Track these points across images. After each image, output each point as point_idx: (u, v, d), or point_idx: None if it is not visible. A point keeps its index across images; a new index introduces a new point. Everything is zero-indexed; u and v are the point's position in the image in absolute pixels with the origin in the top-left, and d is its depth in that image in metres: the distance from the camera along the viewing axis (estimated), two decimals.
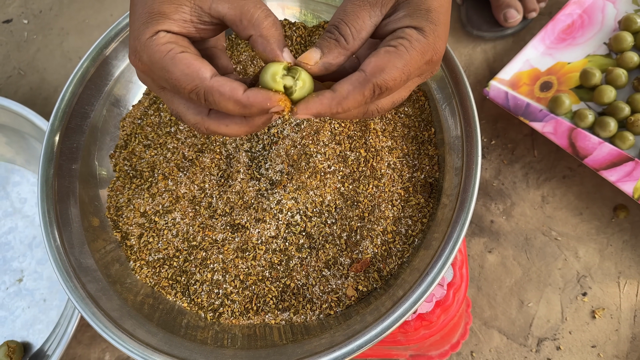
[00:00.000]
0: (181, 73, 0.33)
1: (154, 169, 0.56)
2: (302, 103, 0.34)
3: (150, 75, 0.36)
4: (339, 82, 0.34)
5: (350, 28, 0.36)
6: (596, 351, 0.69)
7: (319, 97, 0.34)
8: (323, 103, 0.34)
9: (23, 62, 0.94)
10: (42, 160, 0.52)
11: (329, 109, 0.34)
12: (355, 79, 0.34)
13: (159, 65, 0.34)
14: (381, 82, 0.34)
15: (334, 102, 0.34)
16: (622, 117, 0.71)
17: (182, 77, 0.33)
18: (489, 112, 0.81)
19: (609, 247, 0.72)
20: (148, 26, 0.34)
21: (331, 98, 0.34)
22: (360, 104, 0.35)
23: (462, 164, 0.47)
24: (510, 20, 0.81)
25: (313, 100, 0.34)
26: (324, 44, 0.36)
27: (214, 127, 0.36)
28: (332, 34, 0.36)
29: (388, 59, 0.34)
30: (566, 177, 0.76)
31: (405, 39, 0.35)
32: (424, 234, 0.49)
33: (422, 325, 0.51)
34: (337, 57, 0.36)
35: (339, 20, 0.36)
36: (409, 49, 0.34)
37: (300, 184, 0.52)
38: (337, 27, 0.36)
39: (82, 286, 0.48)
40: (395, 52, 0.34)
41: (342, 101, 0.34)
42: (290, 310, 0.50)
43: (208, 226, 0.53)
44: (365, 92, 0.34)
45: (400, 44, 0.34)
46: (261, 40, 0.35)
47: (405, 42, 0.34)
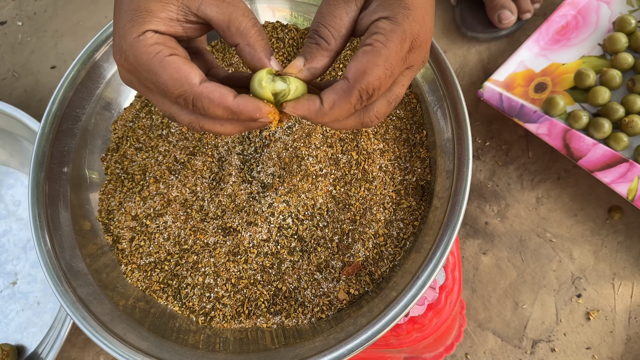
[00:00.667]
0: (169, 77, 0.32)
1: (145, 172, 0.55)
2: (292, 102, 0.34)
3: (136, 76, 0.35)
4: (325, 91, 0.34)
5: (329, 29, 0.36)
6: (591, 353, 0.69)
7: (308, 101, 0.34)
8: (310, 109, 0.34)
9: (17, 65, 0.94)
10: (33, 164, 0.52)
11: (315, 116, 0.34)
12: (339, 88, 0.34)
13: (146, 67, 0.33)
14: (365, 85, 0.33)
15: (320, 112, 0.34)
16: (616, 118, 0.70)
17: (171, 82, 0.33)
18: (483, 114, 0.80)
19: (603, 249, 0.72)
20: (134, 24, 0.33)
21: (318, 108, 0.34)
22: (348, 112, 0.34)
23: (453, 166, 0.47)
24: (504, 21, 0.80)
25: (302, 102, 0.34)
26: (306, 50, 0.36)
27: (209, 126, 0.35)
28: (312, 39, 0.36)
29: (367, 60, 0.33)
30: (561, 178, 0.76)
31: (379, 33, 0.34)
32: (415, 236, 0.49)
33: (414, 329, 0.51)
34: (320, 60, 0.36)
35: (317, 23, 0.36)
36: (385, 42, 0.33)
37: (292, 187, 0.51)
38: (317, 31, 0.36)
39: (72, 290, 0.48)
40: (372, 51, 0.33)
41: (328, 111, 0.34)
42: (282, 314, 0.49)
43: (199, 229, 0.53)
44: (352, 99, 0.33)
45: (375, 40, 0.34)
46: (248, 49, 0.35)
47: (380, 37, 0.34)
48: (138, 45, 0.33)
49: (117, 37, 0.34)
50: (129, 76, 0.36)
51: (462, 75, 0.83)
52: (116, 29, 0.35)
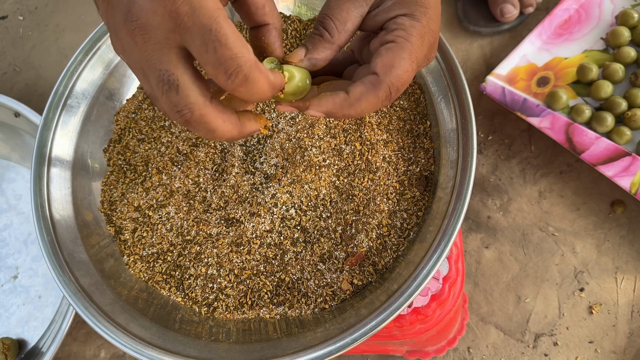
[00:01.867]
0: (228, 35, 0.28)
1: (148, 163, 0.55)
2: (315, 100, 0.35)
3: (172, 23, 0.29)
4: (353, 84, 0.34)
5: (334, 21, 0.36)
6: (593, 347, 0.68)
7: (332, 96, 0.34)
8: (335, 102, 0.34)
9: (18, 59, 0.94)
10: (35, 155, 0.52)
11: (340, 109, 0.34)
12: (368, 81, 0.34)
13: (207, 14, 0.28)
14: (394, 79, 0.34)
15: (346, 103, 0.34)
16: (619, 112, 0.70)
17: (227, 38, 0.28)
18: (485, 108, 0.80)
19: (606, 243, 0.72)
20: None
21: (344, 99, 0.34)
22: (375, 106, 0.35)
23: (457, 156, 0.47)
24: (506, 15, 0.80)
25: (326, 99, 0.34)
26: (309, 40, 0.36)
27: (211, 116, 0.31)
28: (317, 30, 0.36)
29: (393, 55, 0.34)
30: (563, 172, 0.76)
31: (399, 29, 0.35)
32: (419, 227, 0.49)
33: (417, 320, 0.51)
34: (322, 52, 0.36)
35: (323, 15, 0.36)
36: (408, 37, 0.34)
37: (295, 178, 0.51)
38: (322, 22, 0.36)
39: (75, 280, 0.48)
40: (397, 46, 0.34)
41: (354, 103, 0.34)
42: (285, 305, 0.49)
43: (202, 220, 0.52)
44: (380, 93, 0.34)
45: (398, 36, 0.34)
46: (275, 33, 0.36)
47: (402, 32, 0.34)
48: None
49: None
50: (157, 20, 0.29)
51: (464, 69, 0.83)
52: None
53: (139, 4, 0.29)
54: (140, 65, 0.31)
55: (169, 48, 0.29)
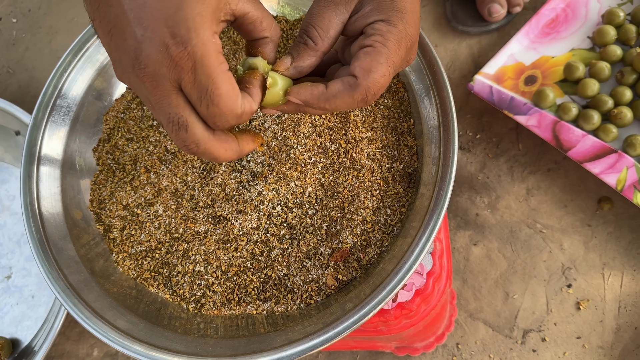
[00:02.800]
0: (225, 91, 0.32)
1: (136, 162, 0.56)
2: (295, 87, 0.37)
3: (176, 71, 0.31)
4: (332, 80, 0.37)
5: (317, 29, 0.38)
6: (581, 342, 0.69)
7: (311, 87, 0.36)
8: (313, 94, 0.36)
9: (12, 61, 0.95)
10: (25, 154, 0.53)
11: (317, 101, 0.36)
12: (347, 81, 0.36)
13: (208, 73, 0.31)
14: (371, 82, 0.35)
15: (323, 97, 0.36)
16: (605, 109, 0.71)
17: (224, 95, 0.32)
18: (474, 107, 0.81)
19: (593, 239, 0.73)
20: (207, 19, 0.31)
21: (322, 92, 0.36)
22: (350, 106, 0.37)
23: (439, 153, 0.47)
24: (494, 15, 0.81)
25: (305, 88, 0.36)
26: (294, 48, 0.38)
27: (215, 148, 0.36)
28: (301, 38, 0.38)
29: (370, 59, 0.36)
30: (551, 170, 0.76)
31: (376, 34, 0.36)
32: (402, 223, 0.50)
33: (402, 314, 0.51)
34: (307, 59, 0.38)
35: (307, 24, 0.38)
36: (385, 42, 0.36)
37: (281, 175, 0.52)
38: (306, 31, 0.38)
39: (64, 277, 0.48)
40: (374, 50, 0.36)
41: (330, 98, 0.36)
42: (272, 301, 0.50)
43: (190, 218, 0.53)
44: (356, 95, 0.36)
45: (375, 41, 0.36)
46: (272, 45, 0.38)
47: (379, 38, 0.36)
48: (210, 45, 0.31)
49: (182, 20, 0.30)
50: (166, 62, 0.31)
51: (452, 69, 0.84)
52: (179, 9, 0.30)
53: (146, 53, 0.31)
54: (150, 103, 0.34)
55: (176, 94, 0.32)
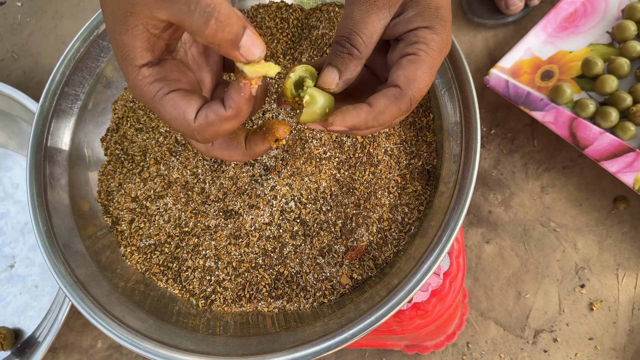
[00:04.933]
0: (170, 116, 0.32)
1: (145, 153, 0.54)
2: (339, 115, 0.34)
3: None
4: (373, 96, 0.35)
5: (362, 36, 0.35)
6: (593, 343, 0.68)
7: (356, 110, 0.34)
8: (360, 116, 0.34)
9: (16, 46, 0.93)
10: (31, 143, 0.51)
11: (365, 122, 0.34)
12: (391, 94, 0.34)
13: (151, 106, 0.33)
14: (416, 92, 0.34)
15: (371, 116, 0.34)
16: (623, 107, 0.70)
17: (172, 121, 0.32)
18: (488, 101, 0.79)
19: (608, 239, 0.71)
20: (128, 63, 0.32)
21: (368, 112, 0.34)
22: (397, 117, 0.35)
23: (460, 150, 0.46)
24: (511, 7, 0.79)
25: (350, 113, 0.34)
26: (338, 60, 0.36)
27: (218, 154, 0.37)
28: (343, 47, 0.36)
29: (415, 68, 0.34)
30: (566, 167, 0.75)
31: (421, 42, 0.35)
32: (420, 222, 0.48)
33: (417, 315, 0.50)
34: (354, 70, 0.36)
35: (349, 30, 0.35)
36: (429, 51, 0.35)
37: (295, 170, 0.50)
38: (348, 39, 0.35)
39: (70, 271, 0.47)
40: (418, 59, 0.34)
41: (378, 115, 0.34)
42: (284, 298, 0.49)
43: (200, 212, 0.52)
44: (403, 105, 0.34)
45: (419, 49, 0.35)
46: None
47: (423, 46, 0.35)
48: (139, 85, 0.32)
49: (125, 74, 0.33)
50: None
51: (468, 62, 0.82)
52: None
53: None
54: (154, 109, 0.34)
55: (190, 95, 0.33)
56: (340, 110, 0.34)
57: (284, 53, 0.56)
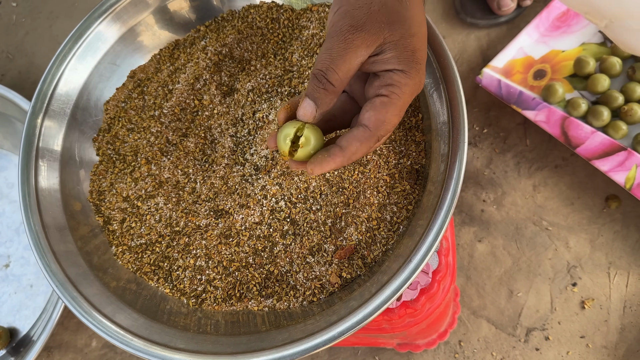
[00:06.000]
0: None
1: (137, 153, 0.55)
2: (316, 164, 0.37)
3: None
4: (344, 137, 0.38)
5: (339, 72, 0.37)
6: (585, 341, 0.68)
7: (330, 156, 0.37)
8: (336, 162, 0.37)
9: (11, 46, 0.93)
10: (23, 143, 0.52)
11: (340, 165, 0.38)
12: (361, 136, 0.37)
13: None
14: (384, 132, 0.38)
15: (344, 159, 0.38)
16: (615, 106, 0.70)
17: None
18: (481, 101, 0.80)
19: (600, 238, 0.72)
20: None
21: (342, 156, 0.37)
22: (366, 154, 0.40)
23: (448, 150, 0.46)
24: (504, 8, 0.79)
25: (326, 160, 0.37)
26: (314, 94, 0.38)
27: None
28: (320, 83, 0.37)
29: (386, 111, 0.37)
30: (558, 166, 0.75)
31: (395, 85, 0.37)
32: (409, 221, 0.48)
33: (406, 313, 0.51)
34: (329, 103, 0.38)
35: (327, 67, 0.37)
36: (401, 94, 0.37)
37: (285, 170, 0.51)
38: (325, 74, 0.37)
39: (62, 271, 0.47)
40: (390, 102, 0.37)
41: (351, 156, 0.38)
42: (274, 297, 0.49)
43: (191, 212, 0.52)
44: (371, 144, 0.38)
45: (392, 92, 0.37)
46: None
47: (397, 90, 0.37)
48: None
49: None
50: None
51: (460, 62, 0.82)
52: None
53: None
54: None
55: None
56: (316, 159, 0.38)
57: (274, 53, 0.56)
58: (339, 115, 0.44)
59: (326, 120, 0.43)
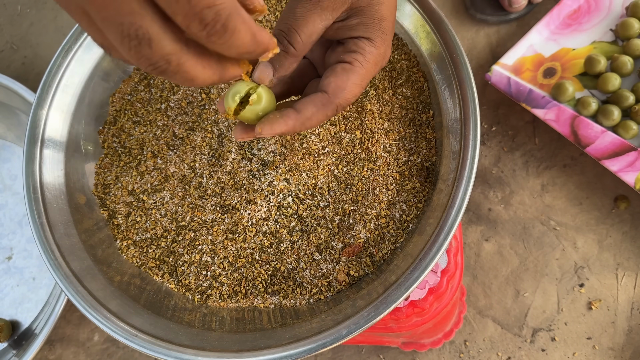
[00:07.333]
0: None
1: (143, 146, 0.54)
2: (267, 124, 0.34)
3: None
4: (301, 101, 0.35)
5: (301, 35, 0.35)
6: (591, 343, 0.68)
7: (283, 118, 0.34)
8: (288, 124, 0.35)
9: (16, 37, 0.92)
10: (28, 135, 0.51)
11: (292, 129, 0.35)
12: (319, 101, 0.35)
13: None
14: (343, 101, 0.36)
15: (298, 123, 0.35)
16: (626, 105, 0.69)
17: None
18: (490, 98, 0.79)
19: (608, 238, 0.71)
20: None
21: (295, 119, 0.35)
22: (322, 122, 0.36)
23: (460, 147, 0.45)
24: (515, 5, 0.78)
25: (278, 121, 0.34)
26: (274, 57, 0.35)
27: (190, 64, 0.27)
28: (281, 44, 0.35)
29: (347, 78, 0.35)
30: (567, 166, 0.74)
31: (359, 52, 0.36)
32: (418, 219, 0.48)
33: (414, 313, 0.50)
34: (289, 67, 0.36)
35: (289, 27, 0.35)
36: (364, 62, 0.36)
37: (293, 165, 0.50)
38: (287, 35, 0.35)
39: (66, 265, 0.47)
40: (352, 69, 0.36)
41: (305, 121, 0.35)
42: (280, 294, 0.48)
43: (197, 206, 0.51)
44: (328, 112, 0.36)
45: (355, 60, 0.36)
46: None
47: (360, 57, 0.36)
48: None
49: None
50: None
51: (469, 59, 0.81)
52: None
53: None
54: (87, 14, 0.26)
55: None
56: (268, 119, 0.34)
57: None
58: (296, 80, 0.41)
59: (282, 83, 0.40)
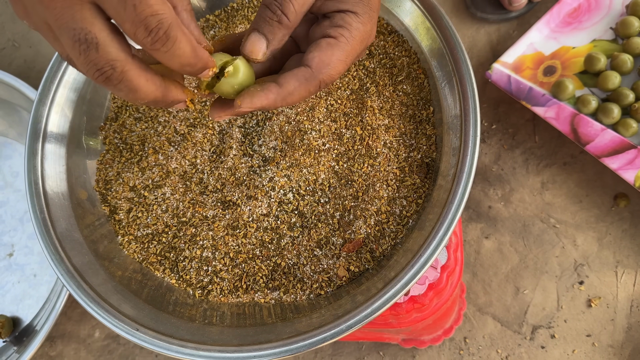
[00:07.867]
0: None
1: (144, 142, 0.54)
2: (246, 97, 0.33)
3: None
4: (283, 75, 0.34)
5: (294, 4, 0.33)
6: (591, 340, 0.68)
7: (264, 91, 0.33)
8: (269, 98, 0.33)
9: (17, 34, 0.93)
10: (30, 130, 0.51)
11: (274, 103, 0.34)
12: (302, 75, 0.34)
13: None
14: (327, 77, 0.34)
15: (279, 97, 0.34)
16: (626, 103, 0.69)
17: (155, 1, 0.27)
18: (490, 96, 0.79)
19: (607, 236, 0.71)
20: None
21: (277, 93, 0.34)
22: (304, 98, 0.35)
23: (460, 144, 0.46)
24: (515, 4, 0.79)
25: (258, 94, 0.33)
26: (265, 27, 0.34)
27: (134, 73, 0.29)
28: (273, 13, 0.33)
29: (331, 53, 0.34)
30: (567, 163, 0.74)
31: (344, 27, 0.35)
32: (418, 215, 0.48)
33: (414, 308, 0.50)
34: (282, 40, 0.35)
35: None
36: (350, 38, 0.35)
37: (293, 161, 0.50)
38: (280, 5, 0.33)
39: (67, 260, 0.47)
40: (337, 44, 0.34)
41: (287, 96, 0.34)
42: (280, 290, 0.49)
43: (198, 202, 0.52)
44: (311, 88, 0.34)
45: (341, 34, 0.35)
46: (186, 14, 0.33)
47: (346, 32, 0.35)
48: None
49: None
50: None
51: (470, 57, 0.81)
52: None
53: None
54: (49, 26, 0.28)
55: (80, 4, 0.27)
56: (247, 91, 0.33)
57: None
58: (278, 57, 0.39)
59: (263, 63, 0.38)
